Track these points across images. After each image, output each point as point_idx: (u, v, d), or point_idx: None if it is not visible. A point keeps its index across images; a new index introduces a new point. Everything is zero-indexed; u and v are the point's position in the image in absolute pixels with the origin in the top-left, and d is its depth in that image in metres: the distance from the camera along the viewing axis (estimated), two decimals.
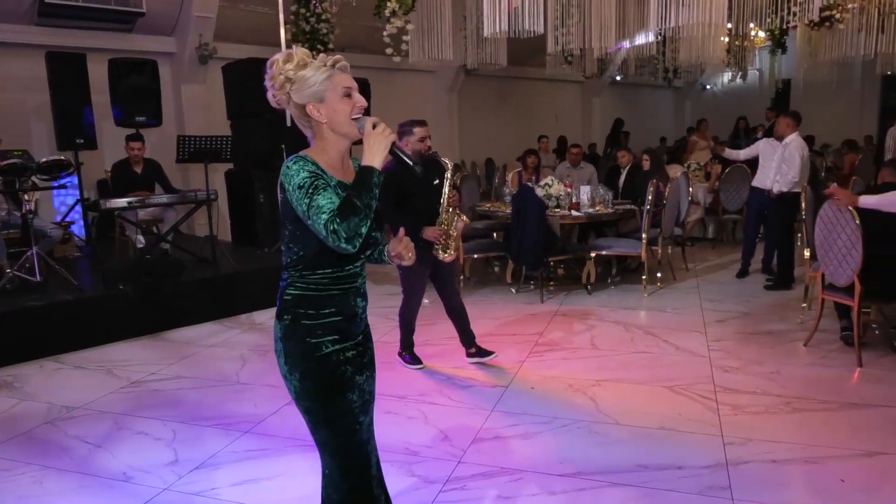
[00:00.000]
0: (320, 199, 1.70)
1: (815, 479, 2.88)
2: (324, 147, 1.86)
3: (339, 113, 1.83)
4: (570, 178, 6.96)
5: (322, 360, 1.85)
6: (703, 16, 5.39)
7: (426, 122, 4.04)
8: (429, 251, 3.98)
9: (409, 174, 3.86)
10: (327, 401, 1.86)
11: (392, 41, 6.54)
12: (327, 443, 1.89)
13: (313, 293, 1.85)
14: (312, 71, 1.81)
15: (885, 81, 14.61)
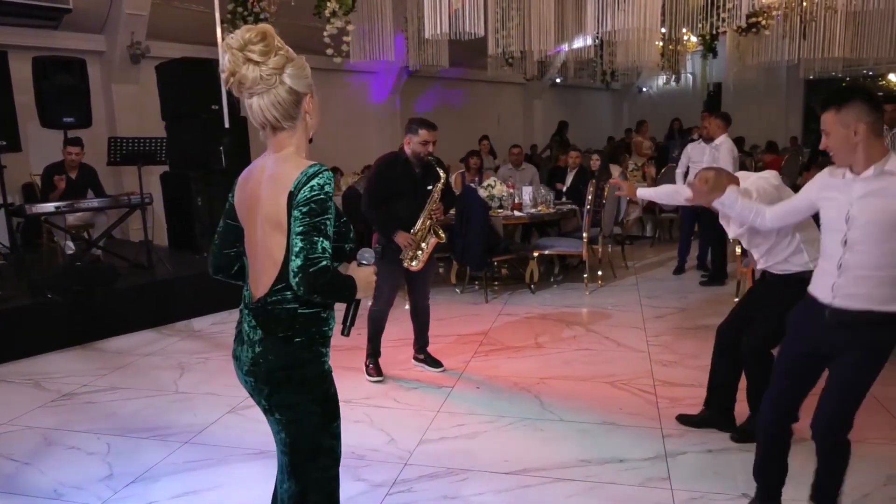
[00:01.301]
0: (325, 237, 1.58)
1: (748, 466, 2.98)
2: (302, 143, 1.73)
3: (318, 108, 1.75)
4: (512, 178, 7.04)
5: (330, 380, 1.77)
6: (637, 20, 5.55)
7: (436, 126, 3.94)
8: (399, 254, 3.95)
9: (404, 171, 3.87)
10: (331, 423, 1.76)
11: (333, 42, 6.47)
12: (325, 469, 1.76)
13: (319, 311, 1.71)
14: (301, 62, 1.66)
15: (808, 85, 15.37)
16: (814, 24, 7.76)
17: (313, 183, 1.59)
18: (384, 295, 4.05)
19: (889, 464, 2.96)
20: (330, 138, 9.39)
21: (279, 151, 1.69)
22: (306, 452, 1.74)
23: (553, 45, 7.05)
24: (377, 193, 3.92)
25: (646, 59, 8.20)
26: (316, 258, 1.56)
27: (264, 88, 1.61)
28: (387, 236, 3.92)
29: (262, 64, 1.58)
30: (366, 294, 1.73)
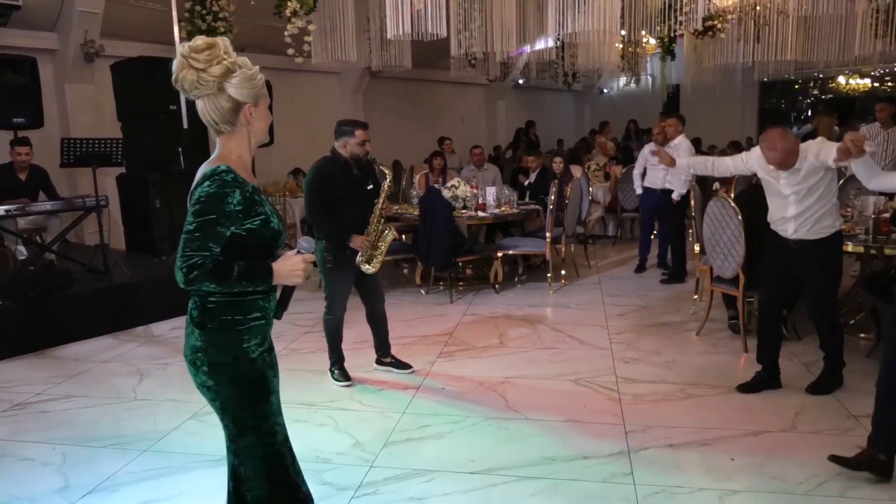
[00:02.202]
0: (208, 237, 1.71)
1: (708, 459, 3.07)
2: (239, 150, 1.85)
3: (265, 121, 1.87)
4: (475, 179, 7.06)
5: (250, 365, 1.85)
6: (597, 23, 5.62)
7: (368, 125, 3.91)
8: (354, 258, 3.91)
9: (344, 175, 3.81)
10: (255, 406, 1.87)
11: (294, 42, 6.39)
12: (253, 447, 1.89)
13: (239, 298, 1.83)
14: (250, 73, 1.79)
15: (762, 87, 15.81)
16: (767, 28, 7.96)
17: (207, 183, 1.73)
18: (338, 302, 4.00)
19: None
20: (292, 139, 9.29)
21: (214, 152, 1.85)
22: (232, 430, 1.88)
23: (515, 46, 7.09)
24: (321, 200, 3.83)
25: (606, 60, 8.29)
26: (189, 255, 1.70)
27: (204, 93, 1.76)
28: (338, 242, 3.88)
29: (202, 71, 1.73)
30: (291, 282, 1.84)
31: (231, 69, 1.75)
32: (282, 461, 1.95)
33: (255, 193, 1.83)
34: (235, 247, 1.78)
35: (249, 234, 1.80)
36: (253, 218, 1.80)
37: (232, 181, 1.76)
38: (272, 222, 1.84)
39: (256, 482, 1.92)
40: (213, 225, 1.72)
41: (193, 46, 1.74)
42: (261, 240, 1.82)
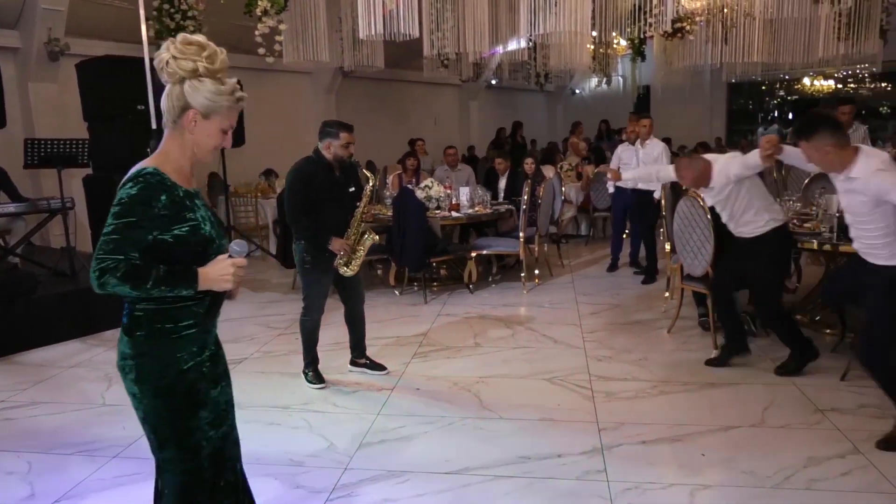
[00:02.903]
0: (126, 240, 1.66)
1: (679, 455, 3.11)
2: (177, 154, 1.81)
3: (210, 139, 1.81)
4: (448, 179, 7.07)
5: (179, 376, 1.79)
6: (569, 24, 5.66)
7: (353, 128, 3.88)
8: (333, 260, 3.88)
9: (326, 177, 3.78)
10: (178, 419, 1.81)
11: (265, 41, 6.33)
12: (172, 461, 1.84)
13: (168, 306, 1.77)
14: (220, 90, 1.75)
15: (730, 88, 16.09)
16: (734, 30, 8.10)
17: (130, 184, 1.70)
18: (316, 304, 3.97)
19: (809, 447, 3.12)
20: (264, 140, 9.20)
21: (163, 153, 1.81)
22: (153, 442, 1.84)
23: (488, 47, 7.11)
24: (303, 202, 3.80)
25: (578, 61, 8.35)
26: (102, 258, 1.65)
27: (166, 79, 1.75)
28: (318, 244, 3.85)
29: (173, 59, 1.72)
30: (219, 287, 1.76)
31: (200, 72, 1.72)
32: (200, 479, 1.88)
33: (188, 198, 1.78)
34: (161, 252, 1.72)
35: (176, 241, 1.74)
36: (181, 224, 1.75)
37: (157, 184, 1.71)
38: (203, 229, 1.79)
39: (171, 498, 1.87)
40: (133, 228, 1.67)
41: (184, 38, 1.74)
42: (188, 246, 1.76)
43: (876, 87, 16.48)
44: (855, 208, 3.10)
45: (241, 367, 4.43)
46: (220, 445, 1.92)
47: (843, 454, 3.05)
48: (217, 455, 1.92)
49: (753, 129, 18.16)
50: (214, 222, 1.87)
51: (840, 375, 3.90)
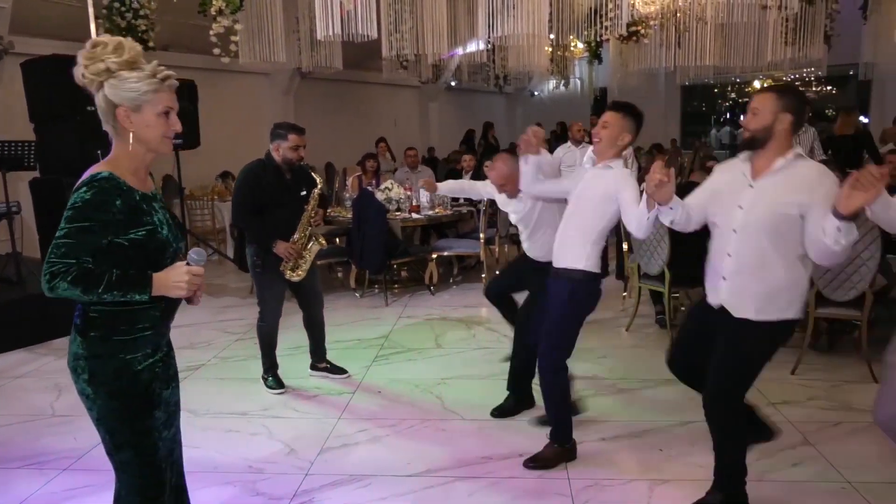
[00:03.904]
0: (78, 244, 1.64)
1: (638, 451, 3.17)
2: (127, 154, 1.78)
3: (152, 128, 1.77)
4: (409, 181, 7.05)
5: (134, 378, 1.78)
6: (526, 27, 5.71)
7: (304, 130, 3.82)
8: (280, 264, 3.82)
9: (275, 179, 3.71)
10: (134, 420, 1.79)
11: (220, 41, 6.21)
12: (129, 463, 1.82)
13: (123, 308, 1.75)
14: (138, 77, 1.72)
15: (684, 91, 16.46)
16: (687, 34, 8.29)
17: (84, 189, 1.68)
18: (271, 308, 3.91)
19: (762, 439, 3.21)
20: (220, 142, 9.04)
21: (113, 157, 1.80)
22: (107, 442, 1.82)
23: (446, 48, 7.13)
24: (248, 203, 3.75)
25: (536, 64, 8.45)
26: (53, 262, 1.64)
27: (91, 89, 1.74)
28: (265, 247, 3.79)
29: (84, 68, 1.71)
30: (173, 294, 1.74)
31: (111, 69, 1.69)
32: (158, 480, 1.87)
33: (145, 202, 1.76)
34: (116, 256, 1.71)
35: (132, 245, 1.73)
36: (138, 228, 1.73)
37: (112, 188, 1.69)
38: (160, 233, 1.77)
39: (128, 500, 1.85)
40: (86, 232, 1.65)
41: (90, 42, 1.72)
42: (144, 251, 1.75)
43: (821, 90, 17.09)
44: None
45: (197, 374, 4.33)
46: (171, 447, 1.92)
47: (793, 445, 3.15)
48: (169, 457, 1.92)
49: (706, 131, 18.64)
50: (173, 226, 1.85)
51: (791, 370, 4.02)
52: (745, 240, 2.35)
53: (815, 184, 2.27)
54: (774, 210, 2.30)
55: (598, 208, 2.83)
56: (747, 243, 2.35)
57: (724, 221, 2.43)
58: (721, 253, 2.43)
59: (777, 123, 2.32)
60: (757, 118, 2.35)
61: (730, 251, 2.40)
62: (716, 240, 2.48)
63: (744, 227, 2.35)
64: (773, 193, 2.31)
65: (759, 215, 2.32)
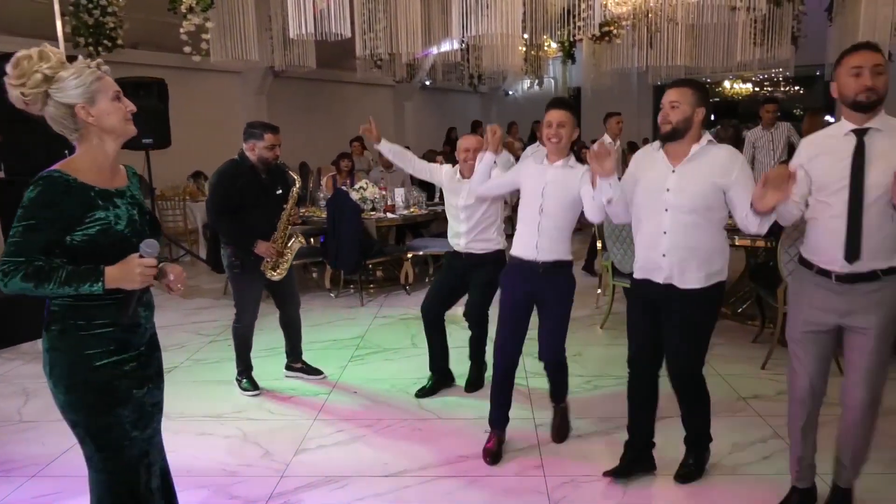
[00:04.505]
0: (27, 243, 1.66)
1: (612, 447, 3.18)
2: (92, 151, 1.79)
3: (112, 115, 1.78)
4: (383, 181, 7.04)
5: (92, 373, 1.78)
6: (500, 26, 5.73)
7: (279, 129, 3.78)
8: (260, 265, 3.78)
9: (250, 179, 3.67)
10: (92, 415, 1.80)
11: (191, 39, 6.13)
12: (92, 458, 1.84)
13: (83, 303, 1.76)
14: (77, 71, 1.73)
15: (656, 90, 16.63)
16: (658, 34, 8.39)
17: (32, 187, 1.70)
18: (248, 310, 3.87)
19: (734, 433, 3.27)
20: (192, 141, 8.92)
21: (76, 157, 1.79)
22: (79, 434, 1.83)
23: (421, 48, 7.12)
24: (224, 205, 3.71)
25: (510, 63, 8.48)
26: (5, 261, 1.66)
27: (37, 108, 1.72)
28: (244, 248, 3.75)
29: (20, 87, 1.69)
30: (127, 286, 1.74)
31: (49, 76, 1.70)
32: (127, 479, 1.87)
33: (102, 197, 1.76)
34: (71, 252, 1.72)
35: (85, 241, 1.73)
36: (90, 225, 1.73)
37: (59, 185, 1.70)
38: (116, 227, 1.77)
39: (100, 496, 1.87)
40: (32, 231, 1.67)
41: (10, 64, 1.70)
42: (99, 247, 1.74)
43: (790, 90, 17.42)
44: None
45: (170, 377, 4.24)
46: (146, 448, 1.90)
47: (764, 439, 3.21)
48: (144, 458, 1.90)
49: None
50: (140, 221, 1.84)
51: (761, 364, 4.10)
52: (677, 217, 2.60)
53: (728, 165, 2.57)
54: (698, 189, 2.57)
55: (573, 207, 3.00)
56: (679, 219, 2.60)
57: (653, 205, 2.66)
58: (657, 234, 2.65)
59: (695, 116, 2.58)
60: (677, 111, 2.57)
61: (665, 229, 2.63)
62: (646, 223, 2.70)
63: (674, 206, 2.60)
64: (695, 175, 2.58)
65: (687, 195, 2.58)
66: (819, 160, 2.37)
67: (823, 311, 2.41)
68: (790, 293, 2.64)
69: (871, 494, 2.70)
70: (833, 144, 2.35)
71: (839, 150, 2.32)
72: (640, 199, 2.72)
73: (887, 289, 2.32)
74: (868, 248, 2.29)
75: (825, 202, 2.35)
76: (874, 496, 2.70)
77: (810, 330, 2.46)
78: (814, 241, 2.44)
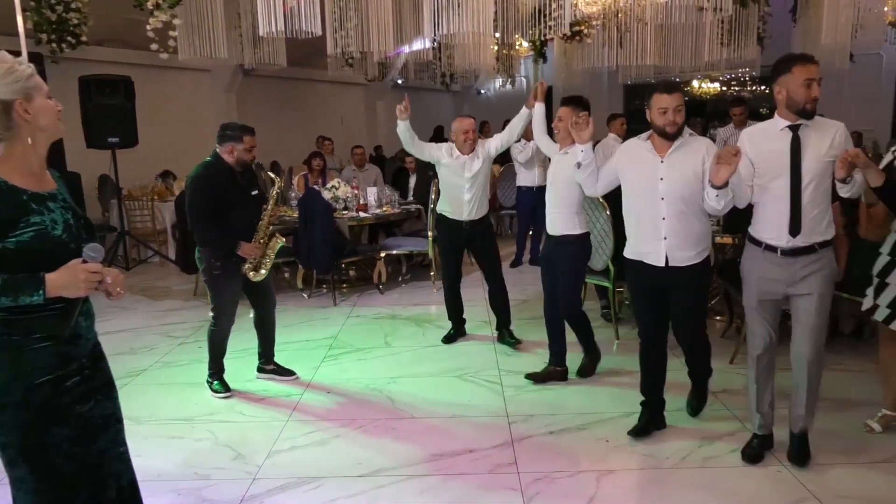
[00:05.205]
0: None
1: (585, 442, 3.23)
2: (22, 152, 1.69)
3: (48, 111, 1.71)
4: (356, 179, 7.01)
5: (29, 391, 1.67)
6: (472, 25, 5.74)
7: (255, 130, 3.76)
8: (241, 266, 3.74)
9: (229, 181, 3.62)
10: (27, 436, 1.68)
11: (158, 36, 6.03)
12: (24, 480, 1.71)
13: (18, 316, 1.65)
14: (9, 68, 1.65)
15: (626, 89, 16.84)
16: (628, 34, 8.49)
17: None
18: (226, 312, 3.82)
19: (703, 427, 3.32)
20: (160, 140, 8.78)
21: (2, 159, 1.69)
22: (8, 456, 1.71)
23: (392, 46, 7.10)
24: (205, 208, 3.65)
25: (482, 62, 8.51)
26: None
27: None
28: (227, 250, 3.71)
29: None
30: (72, 293, 1.66)
31: None
32: (65, 496, 1.76)
33: (35, 201, 1.67)
34: (6, 260, 1.61)
35: (18, 248, 1.62)
36: (23, 230, 1.63)
37: None
38: (54, 232, 1.68)
39: None
40: None
41: None
42: (35, 253, 1.65)
43: (756, 90, 17.74)
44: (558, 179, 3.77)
45: (139, 380, 4.20)
46: (94, 463, 1.80)
47: (732, 432, 3.27)
48: (90, 473, 1.80)
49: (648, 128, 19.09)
50: (77, 226, 1.75)
51: (729, 359, 4.17)
52: (672, 203, 2.95)
53: (704, 153, 2.92)
54: (685, 176, 2.93)
55: (571, 187, 3.63)
56: (675, 205, 2.95)
57: (649, 193, 2.99)
58: (656, 220, 3.00)
59: None
60: (681, 113, 2.93)
61: (664, 215, 2.97)
62: (645, 212, 3.04)
63: (668, 193, 2.94)
64: (682, 164, 2.94)
65: (677, 182, 2.93)
66: (761, 151, 2.77)
67: (773, 281, 2.80)
68: (743, 269, 2.96)
69: (834, 485, 2.77)
70: (772, 138, 2.75)
71: (777, 142, 2.72)
72: (635, 188, 3.08)
73: (824, 259, 2.75)
74: (806, 224, 2.70)
75: (767, 186, 2.75)
76: (837, 487, 2.77)
77: (763, 299, 2.85)
78: (761, 222, 2.82)
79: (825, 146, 2.67)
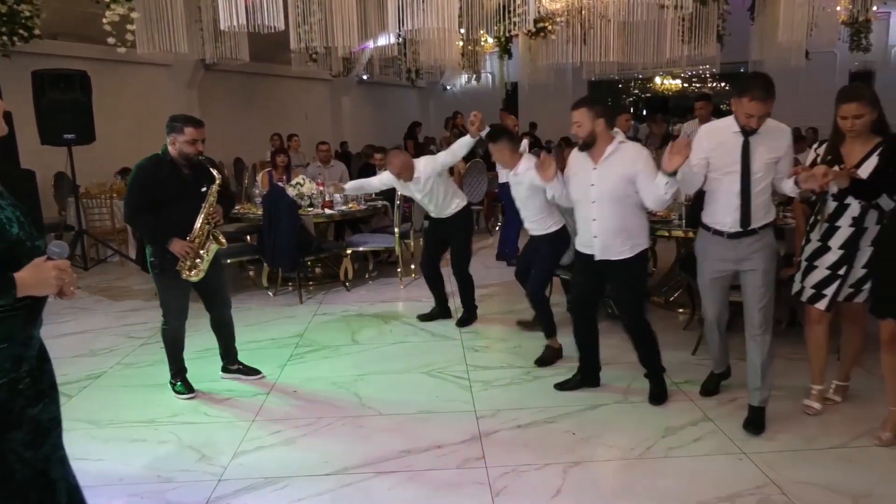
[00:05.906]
0: None
1: (552, 435, 3.26)
2: None
3: None
4: (321, 176, 6.94)
5: None
6: (436, 21, 5.73)
7: (203, 123, 3.62)
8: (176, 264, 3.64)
9: (171, 175, 3.53)
10: None
11: (115, 30, 5.87)
12: None
13: None
14: None
15: (591, 85, 16.98)
16: (592, 31, 8.58)
17: None
18: (173, 310, 3.73)
19: (666, 418, 3.39)
20: (119, 136, 8.58)
21: None
22: None
23: (357, 42, 7.05)
24: (140, 200, 3.55)
25: (447, 58, 8.49)
26: None
27: None
28: (160, 245, 3.61)
29: None
30: (41, 292, 1.63)
31: None
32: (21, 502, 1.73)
33: None
34: None
35: None
36: None
37: None
38: (11, 230, 1.64)
39: None
40: None
41: None
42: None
43: (716, 86, 18.10)
44: (520, 195, 4.13)
45: (99, 382, 4.11)
46: (43, 467, 1.76)
47: (695, 422, 3.34)
48: (40, 477, 1.76)
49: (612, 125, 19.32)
50: (26, 223, 1.70)
51: (692, 350, 4.26)
52: (602, 206, 3.31)
53: (636, 158, 3.26)
54: (615, 181, 3.27)
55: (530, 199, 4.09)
56: (605, 207, 3.31)
57: (582, 197, 3.40)
58: (587, 220, 3.39)
59: (596, 127, 3.26)
60: (581, 129, 3.29)
61: (594, 217, 3.35)
62: (580, 212, 3.45)
63: (598, 197, 3.32)
64: (612, 170, 3.28)
65: (607, 187, 3.29)
66: (715, 148, 3.10)
67: (722, 260, 3.20)
68: (696, 251, 3.36)
69: (792, 472, 2.85)
70: (727, 137, 3.07)
71: (730, 143, 3.06)
72: (574, 192, 3.48)
73: (765, 238, 3.13)
74: (752, 213, 3.07)
75: (720, 179, 3.11)
76: (796, 473, 2.85)
77: (714, 277, 3.27)
78: (713, 211, 3.18)
79: (772, 150, 3.04)
